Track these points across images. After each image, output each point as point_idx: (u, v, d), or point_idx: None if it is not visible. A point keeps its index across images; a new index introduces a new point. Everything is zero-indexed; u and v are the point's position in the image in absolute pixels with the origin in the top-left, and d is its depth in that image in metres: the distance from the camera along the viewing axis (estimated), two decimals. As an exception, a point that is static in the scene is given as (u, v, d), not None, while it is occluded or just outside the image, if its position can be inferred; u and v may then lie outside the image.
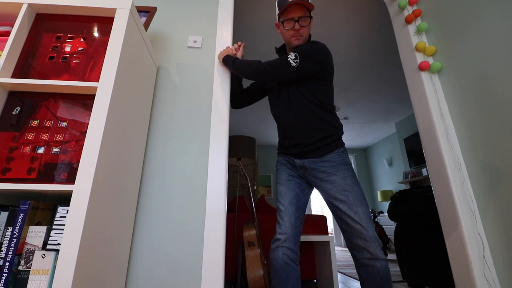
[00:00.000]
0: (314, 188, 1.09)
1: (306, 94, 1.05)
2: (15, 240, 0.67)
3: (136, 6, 1.14)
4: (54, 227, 0.69)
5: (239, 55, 1.32)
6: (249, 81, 3.34)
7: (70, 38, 0.89)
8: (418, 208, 1.89)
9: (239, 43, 1.33)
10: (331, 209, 1.00)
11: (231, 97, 1.33)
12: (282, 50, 1.20)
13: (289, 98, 1.08)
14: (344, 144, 1.06)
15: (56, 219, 0.70)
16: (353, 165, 6.40)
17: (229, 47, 1.34)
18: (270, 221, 2.20)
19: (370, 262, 0.88)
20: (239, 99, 1.33)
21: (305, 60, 1.00)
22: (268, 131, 5.37)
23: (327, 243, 2.07)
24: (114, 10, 0.90)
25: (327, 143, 1.02)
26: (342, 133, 1.08)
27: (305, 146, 1.03)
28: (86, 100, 0.82)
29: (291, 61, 1.00)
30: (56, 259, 0.67)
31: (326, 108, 1.06)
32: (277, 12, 1.10)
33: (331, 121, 1.05)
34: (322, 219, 2.39)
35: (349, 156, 6.38)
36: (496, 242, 1.05)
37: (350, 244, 0.94)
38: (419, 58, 1.40)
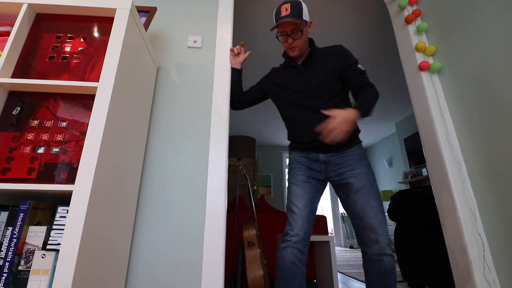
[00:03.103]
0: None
1: (340, 88, 1.11)
2: (15, 240, 0.67)
3: (136, 6, 1.14)
4: (54, 227, 0.69)
5: (242, 57, 1.33)
6: (247, 83, 3.34)
7: (70, 38, 0.89)
8: (418, 208, 1.89)
9: (242, 43, 1.33)
10: (347, 204, 1.01)
11: (230, 98, 1.34)
12: (285, 53, 1.24)
13: (321, 87, 1.10)
14: (361, 141, 1.10)
15: (56, 219, 0.70)
16: (353, 165, 6.39)
17: (232, 48, 1.34)
18: (270, 221, 2.20)
19: (379, 257, 0.90)
20: (239, 100, 1.33)
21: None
22: (268, 131, 5.37)
23: (327, 243, 2.07)
24: (114, 10, 0.90)
25: (350, 137, 1.04)
26: (360, 130, 1.11)
27: None
28: (86, 100, 0.82)
29: (364, 69, 1.11)
30: (56, 259, 0.67)
31: (348, 104, 1.11)
32: (272, 26, 1.14)
33: None
34: (322, 219, 2.39)
35: (349, 156, 6.42)
36: (496, 242, 1.05)
37: (361, 240, 0.96)
38: (419, 58, 1.40)
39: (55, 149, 0.75)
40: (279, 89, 1.19)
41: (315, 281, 2.33)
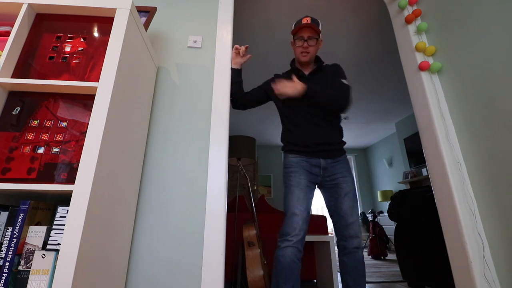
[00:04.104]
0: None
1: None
2: (15, 240, 0.67)
3: (136, 6, 1.14)
4: (54, 227, 0.69)
5: (243, 59, 1.35)
6: (245, 82, 3.35)
7: (70, 38, 0.89)
8: (418, 208, 1.89)
9: (247, 46, 1.35)
10: (334, 206, 1.15)
11: (232, 97, 1.34)
12: (293, 63, 1.37)
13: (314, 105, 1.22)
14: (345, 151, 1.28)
15: (56, 219, 0.70)
16: (353, 165, 6.42)
17: (238, 47, 1.34)
18: (270, 221, 2.20)
19: (356, 250, 1.10)
20: (241, 99, 1.34)
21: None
22: (268, 131, 5.37)
23: (327, 243, 2.07)
24: (114, 10, 0.90)
25: (341, 147, 1.24)
26: (345, 142, 1.29)
27: (331, 145, 1.20)
28: (86, 100, 0.82)
29: (350, 85, 1.22)
30: (56, 259, 0.67)
31: (339, 117, 1.28)
32: (292, 31, 1.28)
33: (341, 129, 1.27)
34: (322, 219, 2.39)
35: (349, 156, 6.45)
36: (496, 242, 1.05)
37: (342, 236, 1.13)
38: (419, 58, 1.40)
39: (55, 149, 0.75)
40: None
41: (315, 281, 2.33)
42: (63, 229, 0.69)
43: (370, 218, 5.25)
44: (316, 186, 1.23)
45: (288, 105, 1.27)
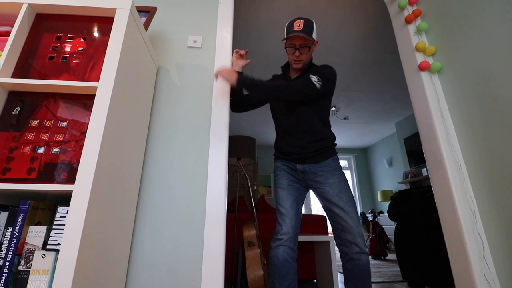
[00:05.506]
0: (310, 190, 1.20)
1: (313, 110, 1.18)
2: (15, 240, 0.67)
3: (136, 6, 1.14)
4: (54, 227, 0.69)
5: (244, 62, 1.29)
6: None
7: (70, 38, 0.89)
8: (418, 208, 1.89)
9: (246, 50, 1.30)
10: (326, 209, 1.12)
11: (232, 98, 1.33)
12: (286, 67, 1.33)
13: (297, 111, 1.19)
14: (336, 152, 1.21)
15: (56, 219, 0.70)
16: (353, 165, 6.41)
17: (238, 50, 1.29)
18: (270, 221, 2.20)
19: (358, 256, 1.02)
20: (241, 102, 1.33)
21: (326, 83, 1.13)
22: (268, 131, 5.37)
23: (327, 243, 2.06)
24: (114, 10, 0.90)
25: (324, 152, 1.17)
26: (336, 144, 1.23)
27: (306, 153, 1.16)
28: (86, 100, 0.82)
29: (315, 83, 1.10)
30: (56, 259, 0.67)
31: (325, 123, 1.21)
32: (284, 36, 1.20)
33: (328, 135, 1.20)
34: (322, 219, 2.38)
35: (349, 156, 6.45)
36: (496, 242, 1.05)
37: (340, 241, 1.06)
38: (419, 58, 1.40)
39: (55, 149, 0.75)
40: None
41: (315, 281, 2.33)
42: (63, 229, 0.69)
43: (370, 218, 5.25)
44: (307, 188, 1.22)
45: (275, 113, 1.29)
